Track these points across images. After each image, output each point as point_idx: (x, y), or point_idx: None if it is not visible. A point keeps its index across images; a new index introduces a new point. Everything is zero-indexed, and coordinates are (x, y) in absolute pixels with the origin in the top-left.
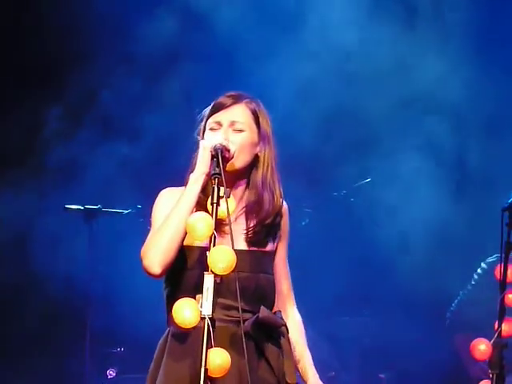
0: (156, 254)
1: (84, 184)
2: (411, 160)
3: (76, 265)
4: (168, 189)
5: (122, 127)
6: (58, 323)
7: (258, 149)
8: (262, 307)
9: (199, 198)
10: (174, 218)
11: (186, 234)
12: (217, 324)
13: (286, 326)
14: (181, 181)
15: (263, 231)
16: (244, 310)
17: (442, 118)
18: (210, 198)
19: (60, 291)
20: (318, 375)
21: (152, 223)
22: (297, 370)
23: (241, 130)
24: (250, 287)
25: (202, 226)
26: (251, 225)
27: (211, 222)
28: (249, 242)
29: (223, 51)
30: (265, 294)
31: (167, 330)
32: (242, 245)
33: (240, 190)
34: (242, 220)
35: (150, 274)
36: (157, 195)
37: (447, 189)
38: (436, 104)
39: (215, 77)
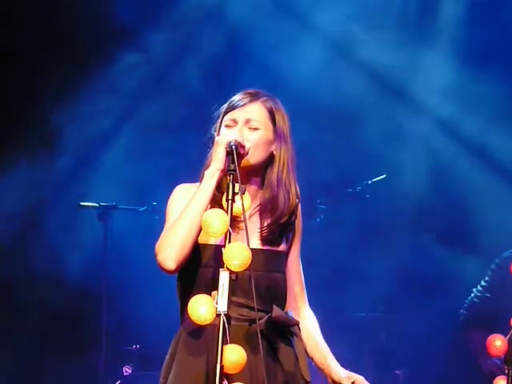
0: (171, 250)
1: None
2: None
3: (91, 262)
4: (182, 185)
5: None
6: (73, 321)
7: (273, 147)
8: (275, 306)
9: (214, 194)
10: (188, 213)
11: (201, 230)
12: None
13: (298, 325)
14: (196, 177)
15: (277, 230)
16: (257, 309)
17: None
18: (225, 194)
19: (75, 289)
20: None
21: (166, 219)
22: (316, 364)
23: (256, 128)
24: (262, 286)
25: (217, 223)
26: (265, 224)
27: (226, 218)
28: (263, 240)
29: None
30: (277, 293)
31: (181, 328)
32: (255, 243)
33: (254, 188)
34: (257, 218)
35: (164, 270)
36: (171, 192)
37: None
38: None
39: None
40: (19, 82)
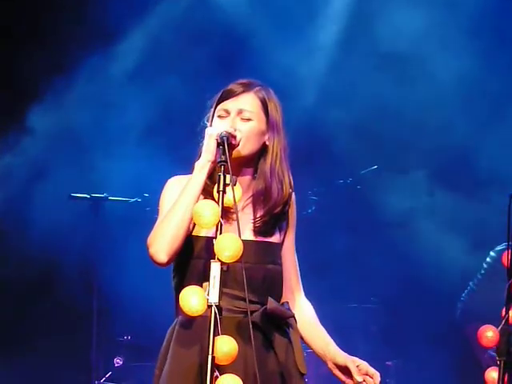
0: (162, 242)
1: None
2: None
3: (83, 253)
4: (175, 177)
5: None
6: (64, 311)
7: (265, 138)
8: (270, 298)
9: (206, 185)
10: (180, 205)
11: (192, 222)
12: (224, 314)
13: (294, 317)
14: (190, 168)
15: (271, 221)
16: (251, 301)
17: None
18: (216, 185)
19: (66, 280)
20: None
21: (159, 212)
22: (316, 351)
23: (248, 119)
24: (257, 278)
25: (208, 214)
26: (258, 215)
27: (218, 209)
28: (256, 231)
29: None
30: (273, 285)
31: (175, 320)
32: (248, 235)
33: (247, 178)
34: (249, 210)
35: (156, 262)
36: (164, 184)
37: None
38: None
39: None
40: None
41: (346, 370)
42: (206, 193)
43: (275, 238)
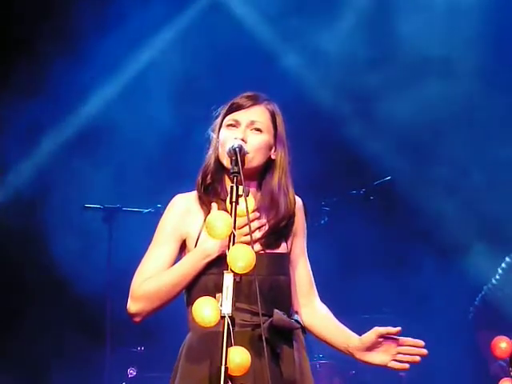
0: (145, 308)
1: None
2: None
3: (96, 264)
4: (179, 196)
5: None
6: (77, 322)
7: (272, 151)
8: (276, 310)
9: (218, 195)
10: (172, 283)
11: (178, 294)
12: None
13: (303, 327)
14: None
15: (277, 234)
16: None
17: None
18: (229, 196)
19: (80, 291)
20: None
21: (156, 234)
22: (340, 348)
23: (260, 130)
24: (264, 290)
25: (221, 225)
26: (266, 228)
27: (230, 220)
28: (263, 244)
29: None
30: (280, 296)
31: (189, 333)
32: (256, 247)
33: (252, 191)
34: (256, 222)
35: (131, 319)
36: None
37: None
38: None
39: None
40: None
41: (377, 347)
42: (219, 203)
43: (283, 249)
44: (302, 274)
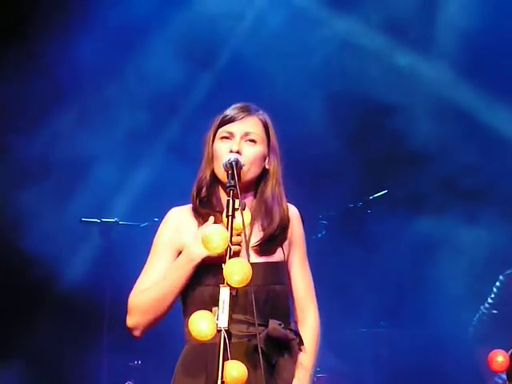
0: (143, 322)
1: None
2: None
3: (92, 278)
4: (174, 209)
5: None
6: (74, 336)
7: (266, 161)
8: (271, 321)
9: (213, 207)
10: (165, 291)
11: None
12: None
13: (300, 338)
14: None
15: (272, 243)
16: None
17: None
18: (225, 210)
19: (77, 305)
20: None
21: (152, 247)
22: None
23: (254, 141)
24: (260, 299)
25: (217, 239)
26: (260, 236)
27: (227, 234)
28: (258, 253)
29: None
30: (276, 306)
31: (185, 346)
32: (252, 257)
33: (248, 202)
34: (250, 231)
35: (130, 331)
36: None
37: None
38: None
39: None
40: None
41: None
42: (216, 217)
43: (278, 257)
44: (299, 286)
